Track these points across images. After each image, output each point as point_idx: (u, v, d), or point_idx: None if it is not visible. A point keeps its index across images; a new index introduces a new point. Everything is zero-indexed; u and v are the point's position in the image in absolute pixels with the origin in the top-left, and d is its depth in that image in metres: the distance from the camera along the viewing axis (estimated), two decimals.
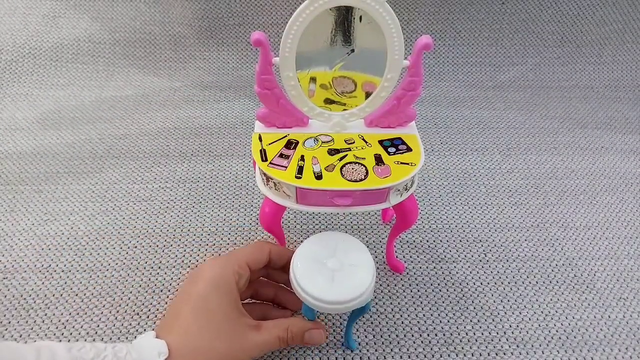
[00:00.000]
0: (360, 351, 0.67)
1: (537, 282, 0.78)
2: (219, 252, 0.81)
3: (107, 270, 0.78)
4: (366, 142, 0.65)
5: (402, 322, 0.71)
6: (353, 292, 0.55)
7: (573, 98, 1.25)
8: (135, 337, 0.68)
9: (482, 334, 0.71)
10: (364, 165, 0.61)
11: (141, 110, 1.15)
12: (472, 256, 0.82)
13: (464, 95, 1.24)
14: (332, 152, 0.63)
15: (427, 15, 1.30)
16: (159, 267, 0.78)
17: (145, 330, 0.70)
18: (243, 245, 0.83)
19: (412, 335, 0.70)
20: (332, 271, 0.56)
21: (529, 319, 0.73)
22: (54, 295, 0.74)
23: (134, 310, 0.72)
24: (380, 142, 0.65)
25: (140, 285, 0.75)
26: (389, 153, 0.63)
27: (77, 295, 0.74)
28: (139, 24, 1.27)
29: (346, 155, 0.62)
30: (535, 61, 1.32)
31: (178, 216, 0.87)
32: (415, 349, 0.68)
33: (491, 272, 0.80)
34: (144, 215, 0.87)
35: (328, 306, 0.55)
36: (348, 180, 0.59)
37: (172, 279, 0.77)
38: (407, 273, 0.79)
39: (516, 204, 0.93)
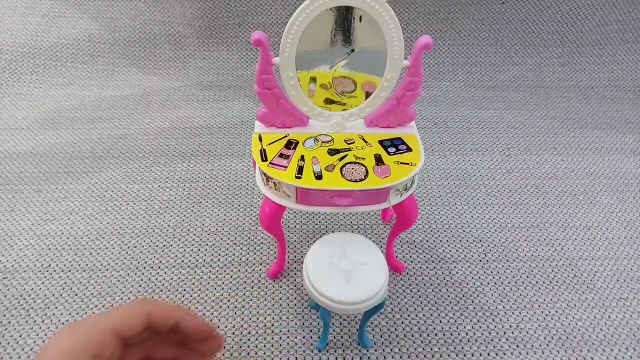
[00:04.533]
0: (360, 351, 0.67)
1: (537, 282, 0.78)
2: (219, 252, 0.81)
3: (107, 270, 0.78)
4: (366, 142, 0.64)
5: (402, 322, 0.71)
6: (369, 291, 0.55)
7: (573, 98, 1.25)
8: None
9: (482, 334, 0.71)
10: (364, 165, 0.61)
11: (141, 109, 1.15)
12: (472, 256, 0.82)
13: (464, 95, 1.24)
14: (332, 152, 0.63)
15: (427, 15, 1.30)
16: (159, 267, 0.78)
17: None
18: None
19: (412, 335, 0.70)
20: (345, 272, 0.57)
21: (529, 319, 0.73)
22: (53, 295, 0.74)
23: None
24: (380, 142, 0.65)
25: (140, 285, 0.75)
26: (389, 153, 0.63)
27: (77, 295, 0.74)
28: (138, 23, 1.27)
29: (346, 155, 0.62)
30: (535, 61, 1.32)
31: (178, 216, 0.87)
32: (415, 349, 0.68)
33: (491, 272, 0.80)
34: (144, 215, 0.87)
35: (346, 307, 0.55)
36: (348, 180, 0.59)
37: (172, 278, 0.77)
38: (407, 273, 0.79)
39: (516, 204, 0.93)
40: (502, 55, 1.32)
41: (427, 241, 0.84)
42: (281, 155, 0.62)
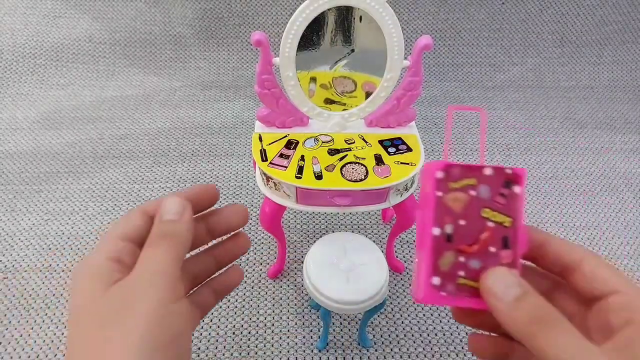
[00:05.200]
0: (360, 351, 0.67)
1: None
2: None
3: None
4: (366, 142, 0.65)
5: (402, 322, 0.71)
6: (369, 291, 0.56)
7: (573, 98, 1.25)
8: None
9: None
10: (364, 165, 0.61)
11: (141, 110, 1.15)
12: None
13: (464, 95, 1.24)
14: (332, 152, 0.63)
15: (427, 15, 1.30)
16: None
17: None
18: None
19: (412, 335, 0.70)
20: (345, 272, 0.57)
21: None
22: (54, 295, 0.74)
23: None
24: (381, 142, 0.65)
25: None
26: (389, 153, 0.63)
27: None
28: (139, 24, 1.27)
29: (346, 155, 0.62)
30: (535, 61, 1.33)
31: None
32: (415, 349, 0.68)
33: None
34: None
35: (346, 307, 0.55)
36: (348, 180, 0.59)
37: None
38: (407, 273, 0.79)
39: None
40: (502, 55, 1.32)
41: None
42: (281, 155, 0.62)
